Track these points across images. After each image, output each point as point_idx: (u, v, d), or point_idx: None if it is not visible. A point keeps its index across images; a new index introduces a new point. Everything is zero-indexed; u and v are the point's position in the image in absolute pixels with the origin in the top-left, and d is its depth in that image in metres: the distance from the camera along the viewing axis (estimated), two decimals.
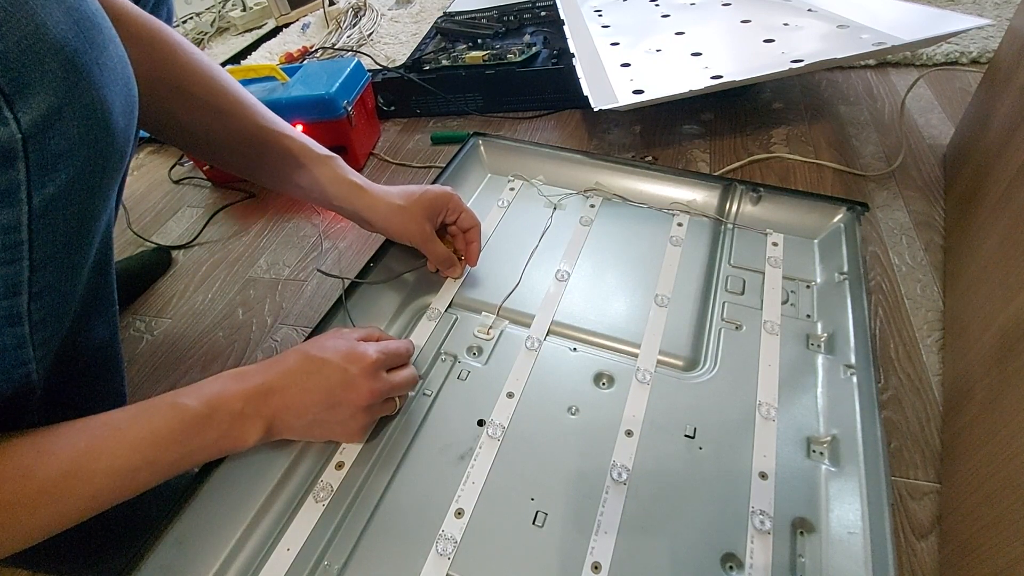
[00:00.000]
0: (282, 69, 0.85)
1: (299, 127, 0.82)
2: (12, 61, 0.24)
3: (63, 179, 0.28)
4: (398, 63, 1.14)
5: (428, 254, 0.54)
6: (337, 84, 0.81)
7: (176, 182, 0.96)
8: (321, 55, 1.27)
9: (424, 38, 1.16)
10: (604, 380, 0.48)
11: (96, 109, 0.28)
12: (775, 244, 0.59)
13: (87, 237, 0.32)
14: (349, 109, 0.82)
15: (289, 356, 0.40)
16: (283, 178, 0.50)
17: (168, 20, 0.54)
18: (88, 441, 0.31)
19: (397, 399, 0.45)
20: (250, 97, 0.48)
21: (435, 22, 1.20)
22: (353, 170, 0.52)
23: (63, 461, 0.30)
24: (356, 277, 0.55)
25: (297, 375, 0.39)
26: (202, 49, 1.56)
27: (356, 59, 0.90)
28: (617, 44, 0.94)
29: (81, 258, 0.33)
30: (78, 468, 0.30)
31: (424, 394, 0.48)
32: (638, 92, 0.77)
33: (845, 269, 0.54)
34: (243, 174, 0.53)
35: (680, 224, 0.62)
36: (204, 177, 0.94)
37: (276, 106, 0.80)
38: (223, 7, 1.67)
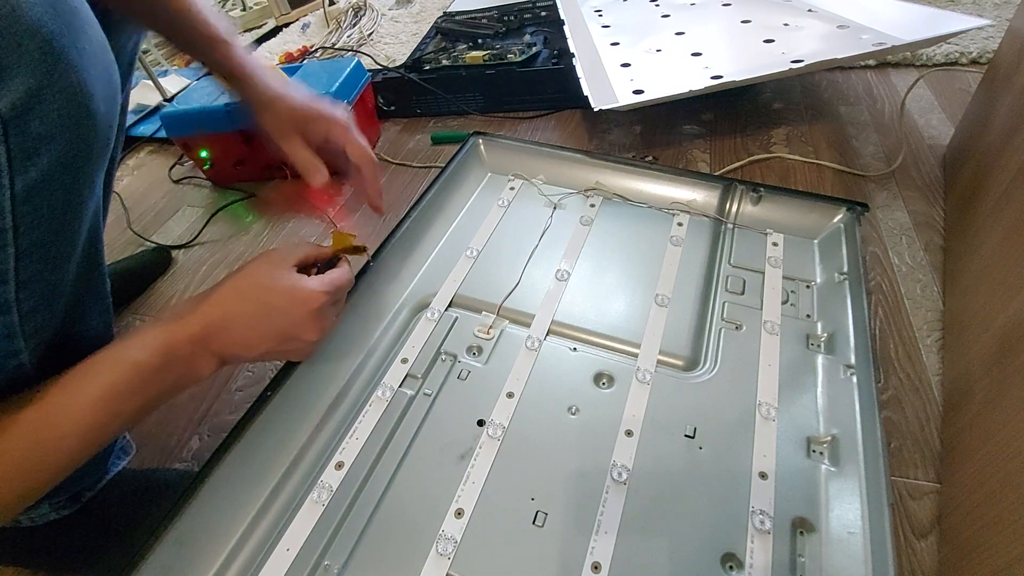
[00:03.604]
0: (282, 69, 0.85)
1: None
2: None
3: (45, 164, 0.28)
4: (398, 63, 1.14)
5: (290, 153, 0.47)
6: (337, 84, 0.81)
7: (176, 182, 0.96)
8: (321, 55, 1.27)
9: (424, 38, 1.16)
10: (604, 380, 0.48)
11: (76, 92, 0.28)
12: (775, 244, 0.59)
13: (73, 224, 0.32)
14: (349, 109, 0.82)
15: (227, 295, 0.38)
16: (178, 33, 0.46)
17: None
18: (48, 410, 0.31)
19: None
20: None
21: (435, 22, 1.20)
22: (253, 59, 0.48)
23: (27, 434, 0.30)
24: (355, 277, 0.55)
25: (242, 318, 0.38)
26: None
27: (356, 59, 0.90)
28: (617, 44, 0.93)
29: (69, 246, 0.33)
30: (44, 438, 0.30)
31: (424, 394, 0.48)
32: (638, 92, 0.77)
33: (845, 269, 0.54)
34: (151, 26, 0.48)
35: (680, 224, 0.62)
36: (204, 177, 0.94)
37: None
38: (223, 7, 1.67)
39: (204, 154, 0.87)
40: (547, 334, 0.52)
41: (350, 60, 0.88)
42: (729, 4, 1.00)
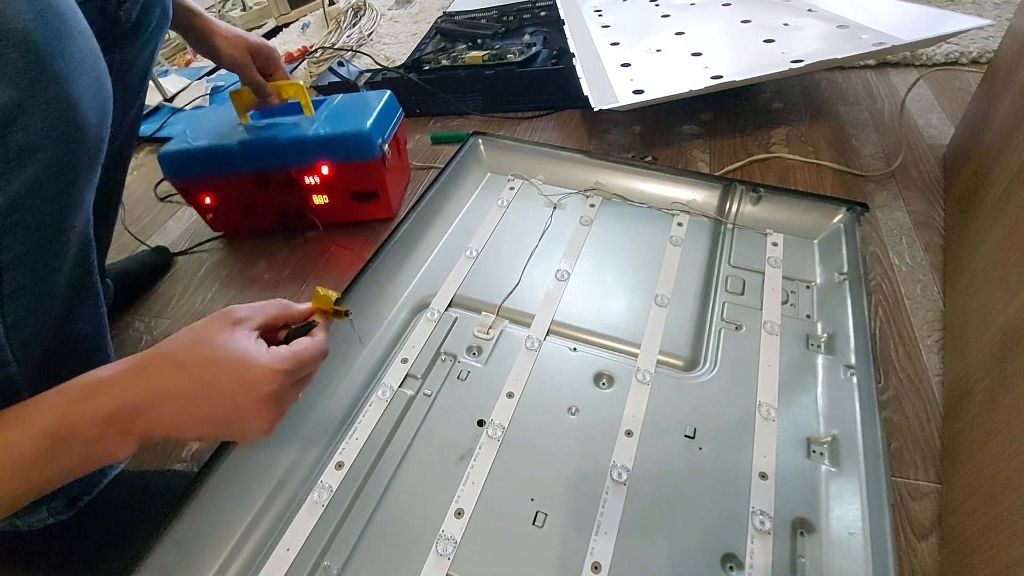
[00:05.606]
0: (311, 102, 0.70)
1: (324, 168, 0.70)
2: None
3: (31, 176, 0.27)
4: (398, 63, 1.14)
5: (247, 78, 0.63)
6: (371, 119, 0.68)
7: (162, 199, 0.92)
8: (321, 55, 1.27)
9: (424, 38, 1.16)
10: (604, 380, 0.48)
11: (62, 103, 0.27)
12: (775, 244, 0.59)
13: (62, 236, 0.32)
14: (385, 148, 0.70)
15: (161, 364, 0.31)
16: None
17: (164, 18, 0.54)
18: None
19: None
20: None
21: (435, 22, 1.20)
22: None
23: None
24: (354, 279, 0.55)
25: (174, 395, 0.30)
26: None
27: (389, 92, 0.76)
28: (617, 44, 0.93)
29: (57, 258, 0.32)
30: None
31: (424, 394, 0.48)
32: (638, 92, 0.77)
33: (845, 269, 0.54)
34: None
35: (680, 224, 0.62)
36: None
37: (301, 143, 0.67)
38: (223, 7, 1.67)
39: (208, 200, 0.74)
40: (547, 334, 0.52)
41: (382, 93, 0.75)
42: (729, 4, 1.00)
